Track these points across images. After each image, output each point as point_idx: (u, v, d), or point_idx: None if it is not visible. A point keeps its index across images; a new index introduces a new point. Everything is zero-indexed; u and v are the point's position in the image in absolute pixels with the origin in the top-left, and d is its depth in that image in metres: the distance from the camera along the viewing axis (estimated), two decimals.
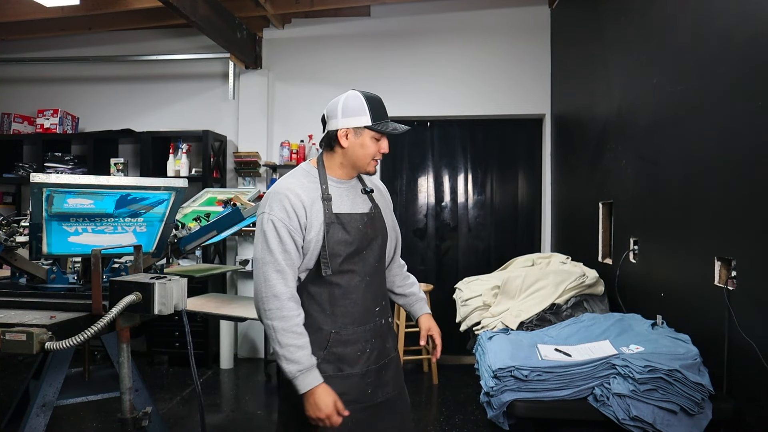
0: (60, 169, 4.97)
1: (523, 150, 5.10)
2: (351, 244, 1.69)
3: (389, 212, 1.90)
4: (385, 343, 1.82)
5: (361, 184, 1.82)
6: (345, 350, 1.70)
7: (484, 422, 3.46)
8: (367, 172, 1.76)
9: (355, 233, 1.71)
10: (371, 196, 1.82)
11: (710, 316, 2.19)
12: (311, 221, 1.65)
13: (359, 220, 1.73)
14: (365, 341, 1.74)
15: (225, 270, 3.54)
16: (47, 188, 1.80)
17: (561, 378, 2.08)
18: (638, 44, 2.95)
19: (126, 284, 1.68)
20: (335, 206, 1.69)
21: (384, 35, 5.05)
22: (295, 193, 1.66)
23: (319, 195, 1.69)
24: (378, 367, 1.77)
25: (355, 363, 1.71)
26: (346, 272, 1.71)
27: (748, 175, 1.96)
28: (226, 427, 3.57)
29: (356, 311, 1.72)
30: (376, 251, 1.78)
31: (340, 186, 1.75)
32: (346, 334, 1.70)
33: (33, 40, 5.40)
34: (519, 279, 3.02)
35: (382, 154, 1.74)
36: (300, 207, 1.64)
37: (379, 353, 1.78)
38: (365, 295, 1.74)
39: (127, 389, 1.78)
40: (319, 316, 1.70)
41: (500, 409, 2.10)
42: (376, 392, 1.76)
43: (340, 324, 1.70)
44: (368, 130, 1.70)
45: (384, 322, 1.81)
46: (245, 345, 5.09)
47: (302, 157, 4.98)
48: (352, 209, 1.73)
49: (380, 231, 1.80)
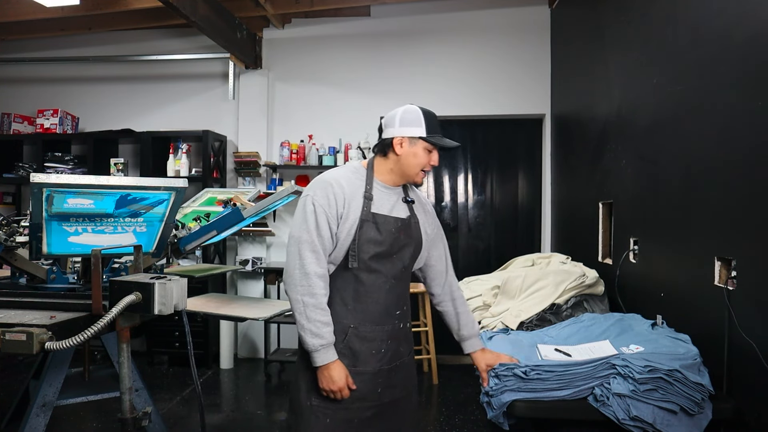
0: (60, 169, 4.98)
1: (523, 150, 5.10)
2: (381, 244, 1.77)
3: (430, 226, 1.96)
4: (400, 347, 1.87)
5: (404, 194, 1.90)
6: (361, 346, 1.77)
7: (484, 422, 3.46)
8: (414, 182, 1.85)
9: (386, 235, 1.78)
10: (411, 207, 1.89)
11: (710, 316, 2.19)
12: (347, 213, 1.74)
13: (393, 224, 1.80)
14: (381, 341, 1.80)
15: (225, 270, 3.54)
16: (47, 188, 1.80)
17: (561, 378, 2.08)
18: (638, 44, 2.95)
19: (126, 284, 1.68)
20: (374, 206, 1.78)
21: (384, 35, 5.05)
22: (339, 184, 1.75)
23: (362, 192, 1.78)
24: (390, 369, 1.82)
25: (369, 361, 1.78)
26: (373, 271, 1.78)
27: (748, 175, 1.96)
28: (226, 427, 3.57)
29: (376, 310, 1.79)
30: (407, 258, 1.84)
31: (384, 190, 1.83)
32: (364, 330, 1.77)
33: (33, 40, 5.40)
34: (519, 279, 3.02)
35: (432, 166, 1.83)
36: (341, 197, 1.74)
37: (392, 355, 1.83)
38: (388, 297, 1.81)
39: (127, 389, 1.78)
40: (341, 309, 1.77)
41: (500, 409, 2.10)
42: (384, 392, 1.81)
43: (360, 320, 1.77)
44: (422, 141, 1.79)
45: (402, 326, 1.87)
46: (245, 345, 5.09)
47: (302, 157, 4.98)
48: (389, 212, 1.81)
49: (415, 240, 1.86)
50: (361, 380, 1.76)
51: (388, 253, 1.79)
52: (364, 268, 1.76)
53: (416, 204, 1.92)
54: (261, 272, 4.92)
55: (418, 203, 1.93)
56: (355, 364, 1.76)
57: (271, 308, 2.46)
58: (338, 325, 1.75)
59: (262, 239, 5.04)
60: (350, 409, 1.76)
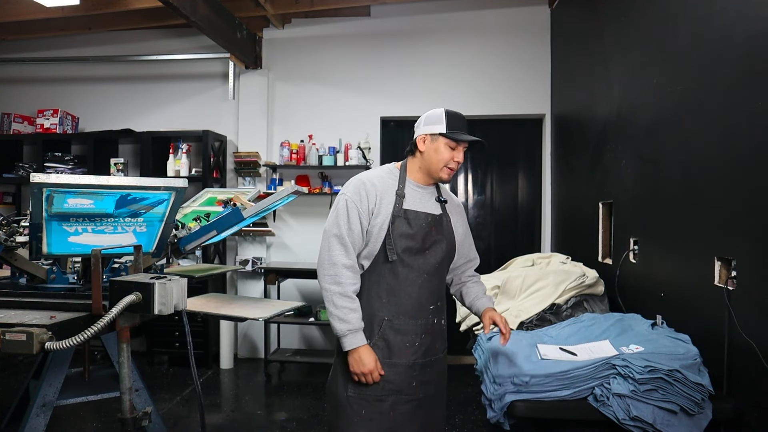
0: (60, 169, 4.98)
1: (523, 150, 5.10)
2: (412, 239, 1.85)
3: (461, 226, 2.04)
4: (435, 343, 1.93)
5: (437, 193, 1.99)
6: (395, 338, 1.84)
7: (484, 422, 3.46)
8: (440, 178, 1.91)
9: (417, 230, 1.86)
10: (443, 206, 1.97)
11: (710, 316, 2.19)
12: (379, 209, 1.84)
13: (424, 219, 1.88)
14: (415, 334, 1.87)
15: (225, 270, 3.53)
16: (47, 188, 1.80)
17: (562, 380, 2.09)
18: (638, 44, 2.95)
19: (126, 284, 1.68)
20: (406, 203, 1.87)
21: (384, 35, 5.05)
22: (371, 183, 1.88)
23: (395, 190, 1.89)
24: (424, 363, 1.88)
25: (402, 353, 1.85)
26: (406, 266, 1.86)
27: (748, 175, 1.96)
28: (226, 427, 3.57)
29: (410, 304, 1.86)
30: (439, 254, 1.91)
31: (416, 189, 1.93)
32: (398, 323, 1.85)
33: (33, 40, 5.40)
34: (519, 279, 3.02)
35: (457, 163, 1.88)
36: (373, 194, 1.85)
37: (427, 350, 1.89)
38: (421, 291, 1.87)
39: (127, 389, 1.78)
40: (375, 302, 1.86)
41: (500, 411, 2.11)
42: (419, 387, 1.87)
43: (394, 313, 1.85)
44: (443, 138, 1.86)
45: (436, 322, 1.93)
46: (245, 345, 5.09)
47: (302, 157, 4.98)
48: (420, 209, 1.89)
49: (447, 236, 1.93)
50: (396, 372, 1.83)
51: (420, 248, 1.87)
52: (398, 261, 1.85)
53: (449, 204, 2.01)
54: (261, 272, 4.92)
55: (451, 203, 2.02)
56: (390, 356, 1.84)
57: (271, 308, 2.46)
58: (374, 317, 1.85)
59: (262, 239, 5.04)
60: (386, 402, 1.83)
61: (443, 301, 1.99)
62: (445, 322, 2.00)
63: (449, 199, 2.04)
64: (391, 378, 1.83)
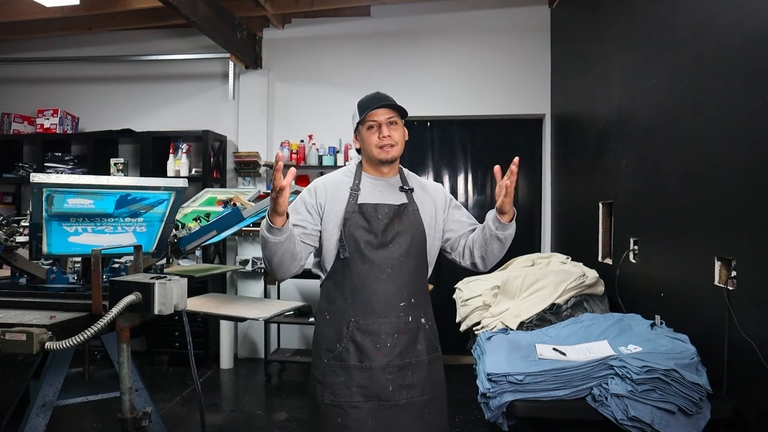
0: (60, 169, 4.98)
1: (523, 150, 5.10)
2: (370, 232, 1.79)
3: (431, 211, 1.90)
4: (415, 344, 1.81)
5: (402, 182, 1.91)
6: (364, 340, 1.76)
7: (484, 422, 3.46)
8: (380, 160, 1.84)
9: (375, 223, 1.80)
10: (410, 195, 1.88)
11: (710, 316, 2.19)
12: (331, 206, 1.81)
13: (383, 211, 1.81)
14: (385, 334, 1.77)
15: (225, 270, 3.53)
16: (47, 188, 1.80)
17: (558, 378, 2.09)
18: (638, 44, 2.95)
19: (126, 284, 1.68)
20: (362, 197, 1.83)
21: (384, 35, 5.05)
22: (323, 182, 1.88)
23: (349, 187, 1.85)
24: (401, 365, 1.77)
25: (374, 356, 1.75)
26: (367, 261, 1.78)
27: (748, 175, 1.96)
28: (226, 427, 3.57)
29: (375, 302, 1.77)
30: (404, 245, 1.81)
31: (374, 182, 1.88)
32: (365, 324, 1.77)
33: (33, 40, 5.40)
34: (519, 279, 3.02)
35: (385, 137, 1.81)
36: (322, 191, 1.84)
37: (403, 350, 1.78)
38: (386, 287, 1.78)
39: (127, 389, 1.78)
40: (342, 304, 1.80)
41: (498, 410, 2.11)
42: (399, 392, 1.76)
43: (360, 313, 1.78)
44: (361, 125, 1.86)
45: (411, 320, 1.81)
46: (245, 345, 5.09)
47: (302, 157, 4.98)
48: (379, 201, 1.83)
49: (411, 227, 1.83)
50: (369, 376, 1.74)
51: (381, 242, 1.79)
52: (357, 258, 1.78)
53: (418, 191, 1.91)
54: (261, 272, 4.92)
55: (421, 191, 1.92)
56: (362, 360, 1.75)
57: (271, 308, 2.46)
58: (341, 320, 1.78)
59: None
60: (362, 408, 1.73)
61: (420, 297, 1.85)
62: (427, 320, 1.86)
63: (420, 186, 1.93)
64: (364, 383, 1.74)
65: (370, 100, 1.84)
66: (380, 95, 1.87)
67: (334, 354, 1.78)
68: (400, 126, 1.85)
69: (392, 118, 1.83)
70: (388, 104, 1.82)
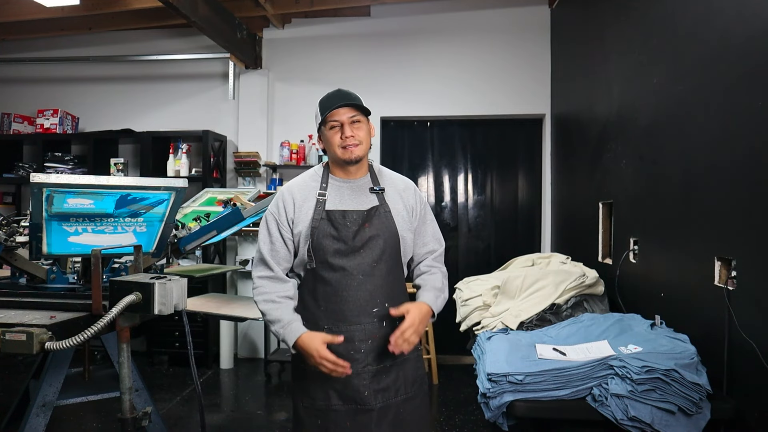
0: (60, 169, 4.98)
1: (523, 150, 5.10)
2: (339, 240, 1.74)
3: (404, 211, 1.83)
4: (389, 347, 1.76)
5: (372, 183, 1.83)
6: (337, 347, 1.69)
7: (484, 422, 3.46)
8: (343, 160, 1.76)
9: (344, 230, 1.74)
10: (381, 196, 1.81)
11: (710, 316, 2.19)
12: (299, 216, 1.77)
13: (351, 218, 1.75)
14: (359, 341, 1.74)
15: (225, 270, 3.54)
16: (47, 188, 1.80)
17: (558, 378, 2.09)
18: (638, 44, 2.95)
19: (126, 284, 1.68)
20: (330, 203, 1.76)
21: (384, 35, 5.05)
22: (290, 192, 1.81)
23: (316, 193, 1.79)
24: (377, 370, 1.75)
25: (348, 361, 1.69)
26: (338, 269, 1.74)
27: (748, 175, 1.96)
28: (226, 427, 3.57)
29: (347, 309, 1.73)
30: (376, 251, 1.75)
31: (342, 185, 1.81)
32: (337, 331, 1.73)
33: (33, 40, 5.40)
34: (519, 279, 3.02)
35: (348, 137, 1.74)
36: (290, 203, 1.78)
37: (378, 355, 1.75)
38: (358, 294, 1.74)
39: (127, 389, 1.78)
40: (315, 311, 1.77)
41: (498, 410, 2.11)
42: (375, 396, 1.74)
43: (333, 320, 1.74)
44: (323, 125, 1.79)
45: (386, 325, 1.76)
46: (245, 345, 5.09)
47: (302, 157, 4.98)
48: (347, 207, 1.77)
49: (384, 230, 1.76)
50: (345, 381, 1.72)
51: (351, 249, 1.74)
52: (327, 267, 1.74)
53: (390, 191, 1.83)
54: None
55: (392, 190, 1.84)
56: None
57: None
58: (315, 326, 1.74)
59: None
60: (340, 412, 1.73)
61: (396, 301, 1.78)
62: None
63: (391, 184, 1.85)
64: (340, 388, 1.73)
65: (331, 99, 1.76)
66: (341, 92, 1.78)
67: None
68: (364, 124, 1.77)
69: (355, 117, 1.75)
70: (349, 103, 1.74)
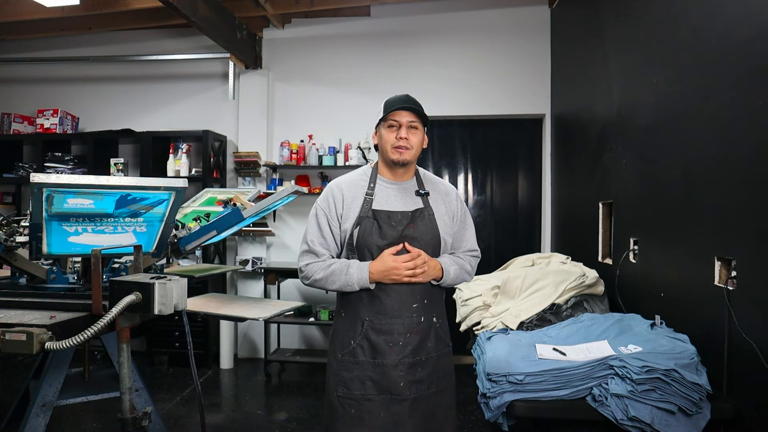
0: (60, 169, 4.98)
1: (523, 150, 5.10)
2: (384, 238, 1.83)
3: (447, 215, 1.95)
4: (426, 341, 1.88)
5: (418, 186, 1.95)
6: (377, 339, 1.83)
7: (484, 422, 3.46)
8: (392, 160, 1.88)
9: (388, 229, 1.84)
10: (426, 199, 1.92)
11: (710, 316, 2.19)
12: (348, 213, 1.86)
13: (396, 218, 1.85)
14: (398, 334, 1.84)
15: (225, 270, 3.53)
16: (47, 188, 1.80)
17: (558, 378, 2.09)
18: (638, 44, 2.95)
19: (126, 284, 1.68)
20: (377, 203, 1.86)
21: (384, 35, 5.05)
22: (339, 188, 1.90)
23: (365, 192, 1.89)
24: (413, 362, 1.85)
25: (386, 353, 1.83)
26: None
27: (748, 175, 1.96)
28: (226, 427, 3.57)
29: (389, 303, 1.84)
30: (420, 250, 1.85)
31: (389, 186, 1.91)
32: (378, 323, 1.84)
33: (33, 40, 5.40)
34: (519, 279, 3.02)
35: (402, 139, 1.84)
36: (340, 199, 1.88)
37: (415, 349, 1.85)
38: (400, 289, 1.84)
39: (127, 389, 1.78)
40: (357, 304, 1.86)
41: (498, 410, 2.11)
42: (409, 387, 1.84)
43: (374, 313, 1.84)
44: (382, 122, 1.88)
45: (424, 320, 1.87)
46: (245, 345, 5.09)
47: (302, 157, 4.98)
48: (393, 207, 1.87)
49: (426, 232, 1.87)
50: (382, 372, 1.82)
51: (394, 246, 1.83)
52: (371, 260, 1.83)
53: (434, 195, 1.95)
54: (261, 272, 4.92)
55: (436, 194, 1.96)
56: (374, 356, 1.83)
57: (271, 308, 2.46)
58: (356, 318, 1.86)
59: (262, 239, 5.04)
60: (374, 401, 1.82)
61: (433, 298, 1.91)
62: (438, 319, 1.93)
63: (434, 188, 1.98)
64: (377, 378, 1.82)
65: (397, 101, 1.87)
66: (409, 98, 1.89)
67: (348, 350, 1.86)
68: (420, 132, 1.88)
69: (414, 123, 1.87)
70: (412, 108, 1.85)
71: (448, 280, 1.91)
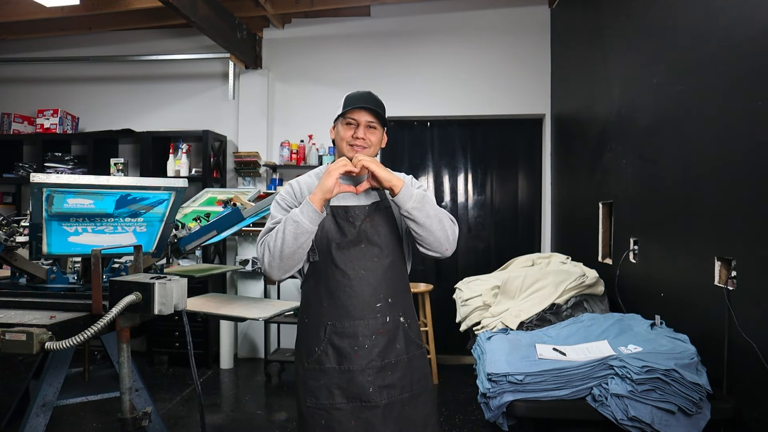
0: (60, 169, 4.98)
1: (523, 150, 5.10)
2: (342, 235, 1.76)
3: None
4: (394, 343, 1.78)
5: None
6: (341, 343, 1.73)
7: (484, 422, 3.46)
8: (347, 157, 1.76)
9: (346, 225, 1.77)
10: (382, 192, 1.82)
11: (710, 316, 2.19)
12: None
13: (353, 212, 1.78)
14: (363, 336, 1.74)
15: (225, 270, 3.53)
16: (47, 188, 1.80)
17: (558, 378, 2.09)
18: (638, 44, 2.95)
19: (126, 284, 1.68)
20: (334, 199, 1.76)
21: (384, 35, 5.05)
22: (298, 184, 1.85)
23: None
24: (381, 366, 1.74)
25: (352, 358, 1.72)
26: (340, 264, 1.76)
27: (748, 175, 1.96)
28: (226, 427, 3.57)
29: (351, 304, 1.74)
30: (378, 246, 1.79)
31: (345, 182, 1.79)
32: (341, 327, 1.74)
33: (33, 40, 5.40)
34: (519, 279, 3.02)
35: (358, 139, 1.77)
36: (299, 193, 1.82)
37: (382, 351, 1.75)
38: (362, 289, 1.75)
39: (127, 389, 1.78)
40: (319, 307, 1.78)
41: (498, 410, 2.11)
42: (380, 393, 1.73)
43: (336, 316, 1.75)
44: (341, 119, 1.82)
45: (389, 320, 1.78)
46: (245, 345, 5.09)
47: (302, 157, 4.98)
48: (350, 203, 1.79)
49: (384, 226, 1.80)
50: (349, 378, 1.72)
51: (353, 244, 1.76)
52: (329, 261, 1.76)
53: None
54: (261, 272, 4.92)
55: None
56: (340, 362, 1.73)
57: (271, 308, 2.47)
58: (319, 323, 1.76)
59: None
60: (344, 410, 1.72)
61: (399, 296, 1.81)
62: (406, 319, 1.83)
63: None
64: (344, 385, 1.72)
65: (358, 98, 1.81)
66: (370, 97, 1.82)
67: (314, 358, 1.76)
68: (378, 132, 1.81)
69: (372, 123, 1.79)
70: (372, 108, 1.77)
71: (412, 199, 1.69)
